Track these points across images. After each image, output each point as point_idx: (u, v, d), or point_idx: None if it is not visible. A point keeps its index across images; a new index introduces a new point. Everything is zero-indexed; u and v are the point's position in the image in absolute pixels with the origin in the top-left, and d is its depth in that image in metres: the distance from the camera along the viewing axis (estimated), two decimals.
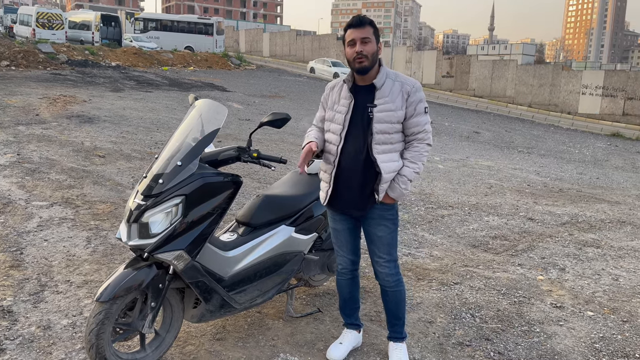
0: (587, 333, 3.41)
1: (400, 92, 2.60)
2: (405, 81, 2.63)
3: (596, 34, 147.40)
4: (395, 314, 2.87)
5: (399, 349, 2.87)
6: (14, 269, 3.68)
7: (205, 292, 2.64)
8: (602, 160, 13.42)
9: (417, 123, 2.63)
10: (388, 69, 2.68)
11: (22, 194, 5.39)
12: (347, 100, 2.65)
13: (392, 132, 2.61)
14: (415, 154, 2.65)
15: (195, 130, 2.68)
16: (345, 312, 3.01)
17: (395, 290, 2.80)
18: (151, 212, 2.46)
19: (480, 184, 8.30)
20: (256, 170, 7.28)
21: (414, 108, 2.61)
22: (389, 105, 2.59)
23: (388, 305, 2.86)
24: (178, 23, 34.95)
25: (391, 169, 2.61)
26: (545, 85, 30.83)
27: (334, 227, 2.87)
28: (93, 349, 2.38)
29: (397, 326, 2.88)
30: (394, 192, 2.64)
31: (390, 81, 2.62)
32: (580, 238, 5.60)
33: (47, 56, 20.71)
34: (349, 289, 2.95)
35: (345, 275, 2.93)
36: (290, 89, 22.47)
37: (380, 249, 2.74)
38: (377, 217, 2.71)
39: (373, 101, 2.60)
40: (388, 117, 2.58)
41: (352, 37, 2.58)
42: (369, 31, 2.58)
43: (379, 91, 2.61)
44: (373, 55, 2.58)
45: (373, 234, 2.75)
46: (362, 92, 2.64)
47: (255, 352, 2.90)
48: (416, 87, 2.63)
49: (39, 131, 8.69)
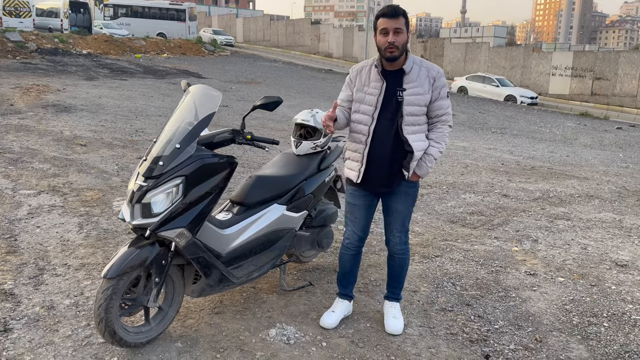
0: (558, 296, 3.68)
1: (427, 77, 2.78)
2: (431, 67, 2.82)
3: (565, 16, 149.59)
4: (397, 278, 3.14)
5: (394, 307, 3.15)
6: (10, 255, 3.77)
7: (206, 267, 2.80)
8: (571, 139, 13.88)
9: (441, 106, 2.84)
10: (414, 56, 2.84)
11: (8, 183, 5.42)
12: (379, 83, 2.80)
13: (419, 114, 2.81)
14: (440, 134, 2.87)
15: (190, 115, 2.80)
16: (342, 283, 3.20)
17: (402, 257, 3.07)
18: (153, 193, 2.59)
19: (456, 164, 8.58)
20: (239, 155, 7.39)
21: (439, 92, 2.81)
22: (418, 89, 2.77)
23: (393, 269, 3.13)
24: (149, 9, 34.34)
25: (421, 148, 2.82)
26: (517, 67, 31.39)
27: (352, 202, 3.02)
28: (102, 323, 2.52)
29: (396, 288, 3.17)
30: (420, 170, 2.85)
31: (417, 67, 2.79)
32: (552, 212, 5.91)
33: (15, 45, 20.22)
34: (350, 263, 3.13)
35: (350, 250, 3.09)
36: (267, 74, 22.44)
37: (397, 220, 2.98)
38: (402, 192, 2.92)
39: (402, 85, 2.77)
40: (417, 100, 2.77)
41: (384, 26, 2.70)
42: (401, 22, 2.70)
43: (407, 76, 2.77)
44: (403, 45, 2.72)
45: (394, 208, 2.96)
46: (391, 76, 2.80)
47: (253, 323, 3.07)
48: (440, 72, 2.83)
49: (15, 121, 8.61)
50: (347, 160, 2.98)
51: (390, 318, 3.10)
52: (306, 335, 2.98)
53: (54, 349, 2.70)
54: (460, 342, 3.02)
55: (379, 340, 2.98)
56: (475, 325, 3.21)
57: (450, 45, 34.13)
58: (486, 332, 3.14)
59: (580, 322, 3.32)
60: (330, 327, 3.05)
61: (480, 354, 2.90)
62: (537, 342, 3.06)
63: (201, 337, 2.89)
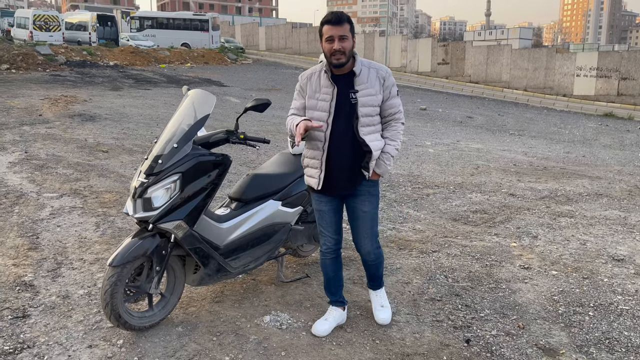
0: (548, 288, 3.80)
1: (377, 78, 2.87)
2: (379, 68, 2.91)
3: (594, 15, 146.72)
4: (374, 275, 3.25)
5: (379, 295, 3.29)
6: (32, 251, 4.08)
7: (203, 257, 3.03)
8: (591, 139, 13.76)
9: (393, 105, 2.92)
10: (361, 58, 2.90)
11: (33, 187, 5.79)
12: (330, 89, 2.85)
13: (374, 114, 2.89)
14: (394, 132, 2.95)
15: (188, 117, 3.05)
16: (330, 290, 3.20)
17: (375, 262, 3.15)
18: (153, 189, 2.85)
19: (467, 165, 8.67)
20: (243, 155, 7.66)
21: (389, 91, 2.91)
22: (370, 90, 2.85)
23: (369, 270, 3.23)
24: (174, 20, 35.28)
25: (378, 147, 2.88)
26: (540, 69, 31.04)
27: (319, 208, 3.05)
28: (108, 307, 2.78)
29: (377, 279, 3.28)
30: (379, 168, 2.91)
31: (366, 69, 2.87)
32: (557, 210, 5.98)
33: (45, 58, 21.08)
34: (332, 267, 3.14)
35: (329, 255, 3.11)
36: (287, 81, 22.79)
37: (365, 224, 3.01)
38: (365, 193, 2.97)
39: (354, 87, 2.84)
40: (370, 101, 2.84)
41: (330, 34, 2.76)
42: (346, 28, 2.76)
43: (358, 78, 2.84)
44: (350, 51, 2.79)
45: (359, 210, 3.00)
46: (341, 80, 2.86)
47: (250, 310, 3.29)
48: (388, 72, 2.93)
49: (43, 130, 9.08)
50: (306, 167, 3.01)
51: (378, 307, 3.23)
52: (298, 321, 3.19)
53: (67, 332, 2.97)
54: (444, 328, 3.18)
55: (366, 326, 3.16)
56: (461, 314, 3.36)
57: (472, 48, 33.95)
58: (471, 319, 3.29)
59: (566, 312, 3.43)
60: (322, 334, 3.04)
61: (462, 338, 3.06)
62: (519, 329, 3.19)
63: (200, 323, 3.12)
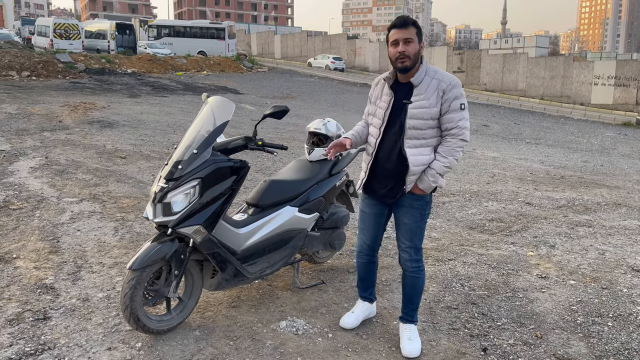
0: (566, 298, 3.76)
1: (436, 90, 2.72)
2: (443, 78, 2.74)
3: (611, 24, 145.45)
4: (410, 298, 3.03)
5: (409, 329, 3.03)
6: (52, 254, 4.15)
7: (221, 262, 3.07)
8: (609, 148, 13.60)
9: (451, 119, 2.74)
10: (429, 66, 2.79)
11: (54, 192, 5.89)
12: (388, 97, 2.83)
13: (424, 127, 2.75)
14: (447, 149, 2.77)
15: (208, 123, 3.09)
16: (360, 287, 3.27)
17: (413, 275, 2.98)
18: (173, 194, 2.89)
19: (483, 174, 8.63)
20: (260, 161, 7.70)
21: (449, 105, 2.72)
22: (424, 102, 2.72)
23: (405, 287, 3.04)
24: (190, 29, 35.70)
25: (420, 162, 2.77)
26: (557, 77, 30.84)
27: (363, 209, 3.07)
28: (127, 310, 2.82)
29: (411, 310, 3.06)
30: (422, 184, 2.80)
31: (429, 78, 2.75)
32: (574, 219, 5.92)
33: (65, 66, 21.44)
34: (364, 270, 3.18)
35: (362, 258, 3.13)
36: (302, 89, 22.92)
37: (404, 234, 2.94)
38: (407, 205, 2.89)
39: (410, 97, 2.76)
40: (421, 113, 2.73)
41: (395, 37, 2.71)
42: (412, 32, 2.70)
43: (417, 88, 2.75)
44: (415, 55, 2.71)
45: (400, 221, 2.94)
46: (401, 89, 2.81)
47: (266, 316, 3.31)
48: (453, 84, 2.73)
49: (63, 136, 9.23)
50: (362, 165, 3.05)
51: (406, 340, 3.00)
52: (314, 327, 3.20)
53: (87, 334, 3.02)
54: (460, 336, 3.16)
55: (382, 333, 3.16)
56: (477, 322, 3.34)
57: (488, 56, 33.86)
58: (487, 328, 3.27)
59: (585, 322, 3.40)
60: (348, 327, 3.13)
61: (478, 347, 3.04)
62: (537, 338, 3.16)
63: (217, 327, 3.15)
